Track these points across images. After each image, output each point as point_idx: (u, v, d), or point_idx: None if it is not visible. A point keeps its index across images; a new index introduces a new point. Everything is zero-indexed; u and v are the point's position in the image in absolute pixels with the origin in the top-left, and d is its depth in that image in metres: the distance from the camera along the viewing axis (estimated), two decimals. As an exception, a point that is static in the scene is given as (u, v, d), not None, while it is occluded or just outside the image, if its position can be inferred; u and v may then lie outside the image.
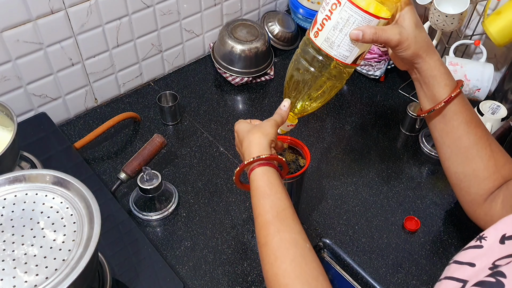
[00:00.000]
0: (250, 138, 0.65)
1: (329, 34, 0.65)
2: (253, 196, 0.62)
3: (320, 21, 0.66)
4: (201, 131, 1.08)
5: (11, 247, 0.56)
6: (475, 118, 0.68)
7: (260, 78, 1.22)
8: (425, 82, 0.67)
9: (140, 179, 0.88)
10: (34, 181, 0.64)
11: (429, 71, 0.66)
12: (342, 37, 0.64)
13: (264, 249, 0.57)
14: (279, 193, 0.60)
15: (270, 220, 0.58)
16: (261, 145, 0.64)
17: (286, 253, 0.55)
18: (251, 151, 0.64)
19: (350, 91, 1.22)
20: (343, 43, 0.65)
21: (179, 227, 0.89)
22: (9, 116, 0.80)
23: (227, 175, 0.98)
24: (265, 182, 0.61)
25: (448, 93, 0.66)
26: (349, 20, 0.63)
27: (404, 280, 0.82)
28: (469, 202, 0.70)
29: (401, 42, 0.63)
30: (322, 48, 0.66)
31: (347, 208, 0.93)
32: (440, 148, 0.71)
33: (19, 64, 0.95)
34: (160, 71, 1.23)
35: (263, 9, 1.35)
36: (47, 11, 0.93)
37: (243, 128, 0.68)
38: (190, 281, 0.81)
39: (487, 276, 0.42)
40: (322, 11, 0.66)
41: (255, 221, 0.60)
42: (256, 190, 0.61)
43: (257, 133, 0.65)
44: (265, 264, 0.57)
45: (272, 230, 0.57)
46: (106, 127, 1.01)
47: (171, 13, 1.13)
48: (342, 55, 0.66)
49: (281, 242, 0.56)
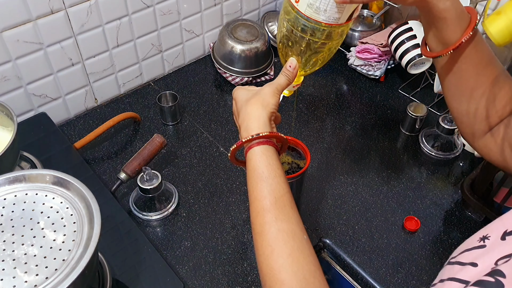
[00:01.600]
0: (248, 110, 0.60)
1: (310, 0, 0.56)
2: (249, 177, 0.57)
3: None
4: (201, 131, 1.08)
5: (11, 247, 0.56)
6: (486, 57, 0.61)
7: (260, 78, 1.22)
8: (434, 24, 0.59)
9: (140, 179, 0.88)
10: (34, 181, 0.64)
11: (438, 14, 0.57)
12: (326, 1, 0.56)
13: (260, 239, 0.54)
14: (277, 176, 0.56)
15: (267, 207, 0.54)
16: (260, 120, 0.59)
17: (283, 246, 0.52)
18: (249, 126, 0.58)
19: (350, 91, 1.22)
20: (330, 7, 0.56)
21: (179, 227, 0.89)
22: (9, 116, 0.80)
23: (227, 175, 0.98)
24: (264, 163, 0.56)
25: (459, 37, 0.58)
26: None
27: (404, 280, 0.82)
28: (469, 134, 0.66)
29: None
30: (307, 15, 0.58)
31: (347, 208, 0.93)
32: (445, 84, 0.66)
33: (19, 64, 0.95)
34: (160, 71, 1.23)
35: (263, 9, 1.35)
36: (47, 11, 0.93)
37: (242, 96, 0.62)
38: (190, 281, 0.81)
39: (486, 276, 0.41)
40: None
41: (251, 206, 0.56)
42: (253, 171, 0.57)
43: (256, 104, 0.60)
44: (260, 255, 0.53)
45: (269, 218, 0.54)
46: (106, 127, 1.01)
47: (171, 13, 1.13)
48: (332, 19, 0.58)
49: (279, 233, 0.53)
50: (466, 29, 0.58)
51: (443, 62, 0.63)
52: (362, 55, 1.20)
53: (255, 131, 0.58)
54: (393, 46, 1.14)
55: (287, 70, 0.65)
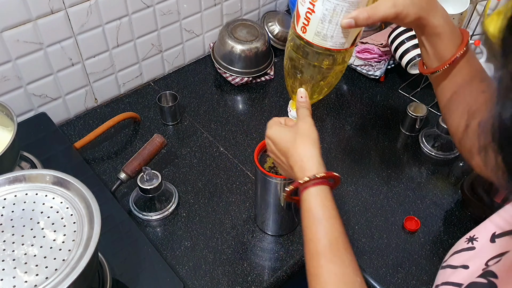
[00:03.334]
0: (299, 151, 0.60)
1: (318, 28, 0.60)
2: (304, 217, 0.58)
3: (304, 15, 0.61)
4: (201, 131, 1.08)
5: (11, 247, 0.56)
6: (479, 73, 0.63)
7: (260, 78, 1.22)
8: (429, 41, 0.62)
9: (140, 179, 0.88)
10: (34, 181, 0.64)
11: (433, 30, 0.60)
12: (333, 27, 0.60)
13: (314, 281, 0.55)
14: (332, 217, 0.57)
15: (321, 251, 0.55)
16: (314, 159, 0.59)
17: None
18: (304, 167, 0.59)
19: (350, 91, 1.22)
20: (336, 33, 0.60)
21: (179, 227, 0.89)
22: (9, 116, 0.80)
23: (227, 175, 0.98)
24: (319, 204, 0.57)
25: (453, 52, 0.61)
26: (336, 10, 0.58)
27: (404, 280, 0.82)
28: (467, 151, 0.67)
29: (398, 13, 0.58)
30: (315, 43, 0.62)
31: (347, 208, 0.93)
32: (440, 98, 0.67)
33: (19, 64, 0.95)
34: (160, 71, 1.23)
35: (263, 9, 1.35)
36: (47, 11, 0.93)
37: (283, 137, 0.63)
38: (190, 281, 0.81)
39: (479, 277, 0.41)
40: (302, 3, 0.60)
41: (305, 246, 0.57)
42: (308, 211, 0.58)
43: (306, 144, 0.61)
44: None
45: (323, 262, 0.54)
46: (106, 127, 1.01)
47: (171, 13, 1.13)
48: (339, 44, 0.62)
49: (331, 275, 0.53)
50: (460, 44, 0.61)
51: (440, 79, 0.65)
52: (362, 55, 1.20)
53: (310, 172, 0.59)
54: (393, 46, 1.14)
55: (301, 102, 0.67)
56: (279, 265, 0.84)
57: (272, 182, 0.78)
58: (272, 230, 0.88)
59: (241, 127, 1.10)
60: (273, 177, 0.77)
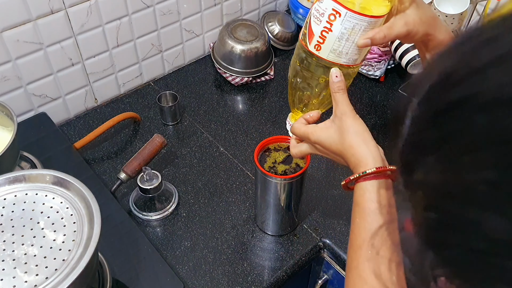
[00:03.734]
0: (352, 151, 0.60)
1: (334, 45, 0.63)
2: (352, 211, 0.59)
3: (319, 33, 0.63)
4: (201, 131, 1.08)
5: (11, 247, 0.56)
6: None
7: (260, 78, 1.22)
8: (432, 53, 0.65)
9: (140, 179, 0.88)
10: (34, 181, 0.64)
11: (438, 44, 0.63)
12: (349, 45, 0.63)
13: (350, 272, 0.55)
14: (376, 212, 0.56)
15: (361, 244, 0.55)
16: (367, 155, 0.59)
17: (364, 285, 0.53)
18: (359, 165, 0.59)
19: (350, 91, 1.21)
20: (351, 50, 0.64)
21: (179, 227, 0.89)
22: (9, 116, 0.80)
23: (227, 175, 0.98)
24: (366, 198, 0.58)
25: None
26: (354, 29, 0.61)
27: (404, 280, 0.82)
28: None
29: (409, 31, 0.61)
30: (330, 60, 0.65)
31: (347, 208, 0.93)
32: None
33: (19, 64, 0.95)
34: (160, 71, 1.23)
35: (263, 9, 1.35)
36: (47, 11, 0.93)
37: (332, 140, 0.63)
38: (190, 281, 0.81)
39: None
40: (317, 22, 0.63)
41: (350, 239, 0.58)
42: (356, 205, 0.58)
43: (356, 142, 0.60)
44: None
45: (363, 255, 0.55)
46: (106, 127, 1.01)
47: (171, 13, 1.13)
48: (352, 60, 0.65)
49: (365, 270, 0.54)
50: None
51: None
52: (362, 55, 1.20)
53: (363, 168, 0.58)
54: (393, 46, 1.14)
55: (336, 84, 0.66)
56: (279, 265, 0.84)
57: (272, 182, 0.78)
58: (272, 230, 0.88)
59: (241, 127, 1.10)
60: (273, 177, 0.77)
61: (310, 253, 0.87)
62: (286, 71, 0.74)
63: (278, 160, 0.80)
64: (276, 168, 0.79)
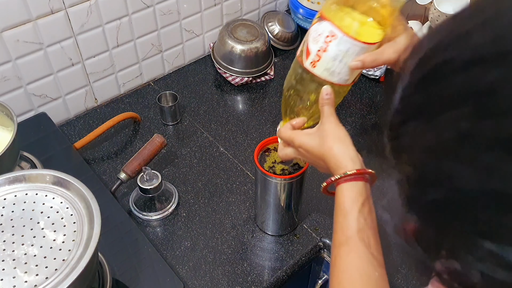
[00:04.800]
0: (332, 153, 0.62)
1: (328, 64, 0.67)
2: (335, 212, 0.61)
3: (315, 52, 0.67)
4: (201, 131, 1.08)
5: (11, 247, 0.57)
6: None
7: (260, 78, 1.22)
8: None
9: (140, 179, 0.88)
10: (34, 181, 0.64)
11: None
12: (342, 66, 0.67)
13: (332, 271, 0.57)
14: (358, 212, 0.59)
15: (343, 242, 0.57)
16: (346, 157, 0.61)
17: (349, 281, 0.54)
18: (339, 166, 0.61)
19: (350, 91, 1.21)
20: (343, 71, 0.67)
21: (179, 227, 0.89)
22: (9, 116, 0.80)
23: (227, 175, 0.98)
24: (347, 198, 0.60)
25: None
26: (348, 51, 0.65)
27: (404, 280, 0.82)
28: None
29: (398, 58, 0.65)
30: (323, 77, 0.68)
31: (347, 208, 0.93)
32: None
33: (19, 64, 0.95)
34: (160, 71, 1.23)
35: (263, 9, 1.35)
36: (47, 11, 0.93)
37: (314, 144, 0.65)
38: (190, 281, 0.81)
39: None
40: (314, 42, 0.67)
41: (332, 237, 0.60)
42: (337, 206, 0.61)
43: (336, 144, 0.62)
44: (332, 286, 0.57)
45: (343, 252, 0.57)
46: (106, 127, 1.01)
47: (171, 13, 1.13)
48: (343, 80, 0.69)
49: (347, 267, 0.56)
50: None
51: None
52: (362, 55, 1.20)
53: (343, 169, 0.61)
54: (393, 46, 1.14)
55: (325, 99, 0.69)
56: (279, 265, 0.84)
57: (272, 182, 0.78)
58: (272, 230, 0.88)
59: (241, 127, 1.10)
60: (273, 177, 0.77)
61: (310, 253, 0.87)
62: (286, 71, 0.75)
63: (278, 160, 0.80)
64: (276, 168, 0.79)
